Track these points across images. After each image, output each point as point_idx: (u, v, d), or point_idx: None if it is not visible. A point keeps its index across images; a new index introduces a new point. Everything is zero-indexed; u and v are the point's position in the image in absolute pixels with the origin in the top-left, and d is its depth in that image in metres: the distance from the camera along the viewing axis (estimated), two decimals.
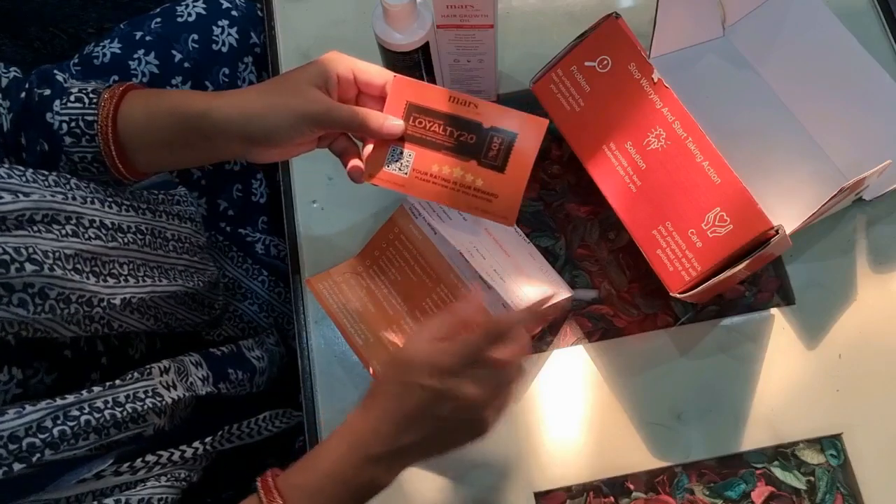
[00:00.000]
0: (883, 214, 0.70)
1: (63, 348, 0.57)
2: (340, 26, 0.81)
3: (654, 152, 0.60)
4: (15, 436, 0.48)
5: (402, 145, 0.60)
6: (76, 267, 0.52)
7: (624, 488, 0.64)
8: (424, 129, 0.60)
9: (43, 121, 0.57)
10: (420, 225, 0.67)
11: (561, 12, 0.66)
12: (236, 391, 0.68)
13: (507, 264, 0.67)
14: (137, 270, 0.59)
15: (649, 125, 0.60)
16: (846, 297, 0.68)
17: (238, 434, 0.67)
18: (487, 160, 0.60)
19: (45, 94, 0.57)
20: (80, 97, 0.57)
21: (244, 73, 0.82)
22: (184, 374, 0.63)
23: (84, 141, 0.57)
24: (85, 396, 0.53)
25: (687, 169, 0.58)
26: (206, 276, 0.68)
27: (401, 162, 0.61)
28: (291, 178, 0.75)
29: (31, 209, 0.50)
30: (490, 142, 0.59)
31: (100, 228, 0.56)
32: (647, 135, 0.60)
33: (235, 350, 0.71)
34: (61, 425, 0.50)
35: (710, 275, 0.57)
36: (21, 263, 0.48)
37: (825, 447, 0.64)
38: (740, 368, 0.67)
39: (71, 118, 0.57)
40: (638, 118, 0.60)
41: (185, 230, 0.66)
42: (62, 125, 0.57)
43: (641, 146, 0.60)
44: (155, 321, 0.63)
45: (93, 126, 0.57)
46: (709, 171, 0.58)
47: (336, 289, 0.68)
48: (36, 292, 0.49)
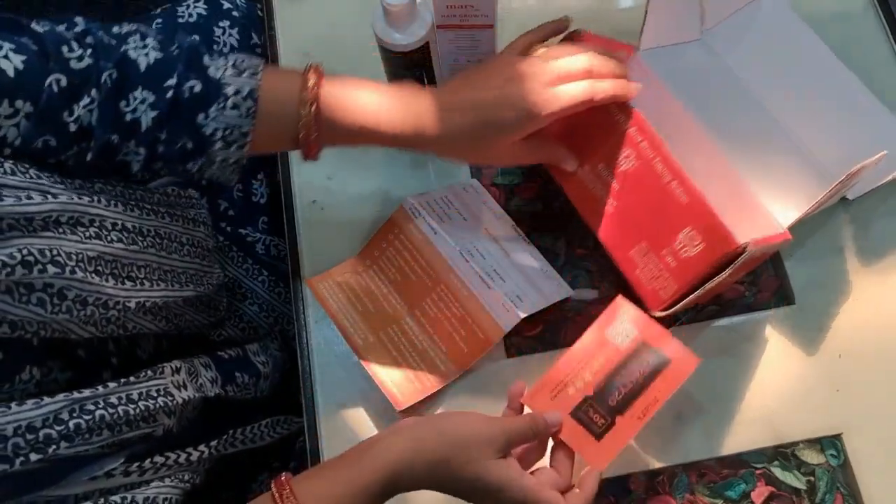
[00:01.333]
0: (884, 214, 0.70)
1: (77, 348, 0.57)
2: (340, 27, 0.81)
3: (626, 174, 0.60)
4: (32, 426, 0.49)
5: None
6: (97, 269, 0.52)
7: (624, 488, 0.64)
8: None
9: (193, 123, 0.55)
10: (420, 225, 0.67)
11: (560, 13, 0.66)
12: (241, 395, 0.69)
13: (507, 265, 0.67)
14: (153, 274, 0.59)
15: (620, 147, 0.59)
16: (846, 297, 0.68)
17: (241, 439, 0.67)
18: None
19: (197, 92, 0.54)
20: (236, 103, 0.55)
21: None
22: (194, 374, 0.63)
23: (234, 148, 0.56)
24: (100, 391, 0.53)
25: (657, 189, 0.58)
26: (213, 280, 0.68)
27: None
28: (291, 178, 0.75)
29: (57, 211, 0.50)
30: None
31: (122, 231, 0.56)
32: (618, 156, 0.59)
33: (242, 354, 0.71)
34: (77, 418, 0.51)
35: (688, 291, 0.58)
36: (44, 265, 0.48)
37: (825, 447, 0.64)
38: (740, 368, 0.67)
39: (227, 126, 0.55)
40: (608, 139, 0.60)
41: (198, 234, 0.66)
42: (216, 132, 0.55)
43: (614, 168, 0.60)
44: (166, 322, 0.63)
45: (247, 136, 0.56)
46: (677, 191, 0.57)
47: (336, 289, 0.68)
48: (55, 293, 0.49)
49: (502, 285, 0.64)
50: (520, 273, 0.67)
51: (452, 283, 0.65)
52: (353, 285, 0.69)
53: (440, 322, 0.66)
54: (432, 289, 0.66)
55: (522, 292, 0.65)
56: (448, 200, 0.70)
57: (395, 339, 0.67)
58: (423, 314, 0.67)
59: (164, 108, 0.53)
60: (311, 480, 0.52)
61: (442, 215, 0.67)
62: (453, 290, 0.65)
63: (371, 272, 0.69)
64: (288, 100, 0.57)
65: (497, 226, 0.71)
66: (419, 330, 0.67)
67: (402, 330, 0.67)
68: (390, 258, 0.68)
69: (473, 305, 0.65)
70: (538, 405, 0.60)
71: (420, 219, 0.67)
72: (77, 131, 0.52)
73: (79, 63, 0.51)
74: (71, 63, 0.51)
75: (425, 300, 0.67)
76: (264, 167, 0.84)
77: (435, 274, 0.66)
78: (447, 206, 0.69)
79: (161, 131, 0.54)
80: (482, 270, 0.64)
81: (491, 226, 0.70)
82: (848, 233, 0.70)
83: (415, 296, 0.67)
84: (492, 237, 0.68)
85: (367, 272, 0.69)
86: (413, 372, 0.65)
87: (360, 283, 0.69)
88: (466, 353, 0.65)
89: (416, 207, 0.67)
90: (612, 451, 0.57)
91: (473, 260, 0.65)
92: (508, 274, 0.66)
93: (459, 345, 0.66)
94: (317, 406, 0.68)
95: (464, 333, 0.65)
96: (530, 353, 0.68)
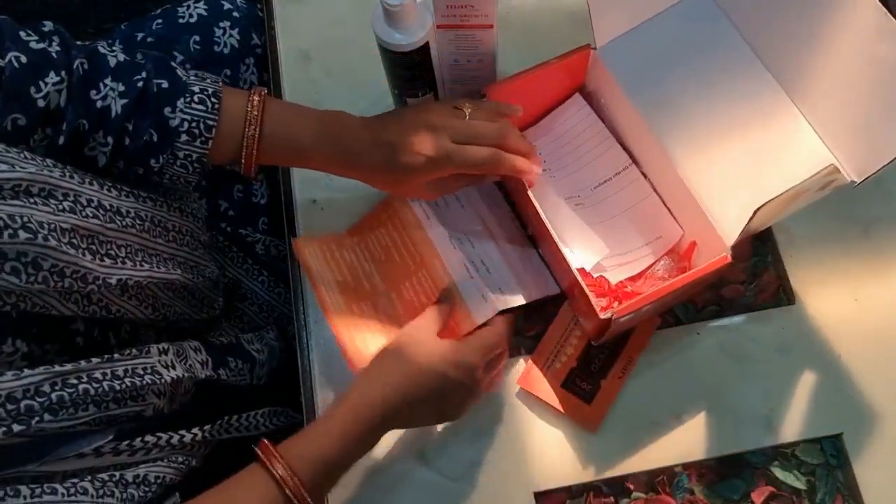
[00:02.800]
0: (885, 214, 0.70)
1: (75, 335, 0.57)
2: (340, 26, 0.81)
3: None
4: (13, 396, 0.49)
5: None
6: (72, 241, 0.53)
7: (624, 488, 0.64)
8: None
9: (160, 115, 0.58)
10: (414, 208, 0.67)
11: (561, 12, 0.66)
12: (236, 380, 0.69)
13: (497, 257, 0.67)
14: (135, 255, 0.59)
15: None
16: (846, 297, 0.68)
17: (237, 426, 0.67)
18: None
19: (165, 88, 0.58)
20: (202, 99, 0.59)
21: (246, 74, 0.82)
22: (183, 356, 0.63)
23: (198, 142, 0.60)
24: (83, 366, 0.53)
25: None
26: (206, 273, 0.68)
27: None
28: (291, 179, 0.75)
29: (27, 180, 0.50)
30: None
31: (97, 208, 0.56)
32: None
33: (235, 342, 0.72)
34: (59, 391, 0.51)
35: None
36: (15, 230, 0.48)
37: (825, 447, 0.64)
38: (740, 368, 0.67)
39: (193, 118, 0.59)
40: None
41: (186, 223, 0.67)
42: (182, 123, 0.59)
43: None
44: (153, 310, 0.63)
45: (211, 130, 0.59)
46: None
47: (320, 255, 0.68)
48: (29, 262, 0.50)
49: (487, 276, 0.64)
50: (509, 267, 0.67)
51: (436, 269, 0.65)
52: (338, 257, 0.69)
53: (414, 306, 0.65)
54: (414, 273, 0.66)
55: (507, 285, 0.64)
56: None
57: (367, 312, 0.66)
58: (399, 297, 0.66)
59: (134, 97, 0.57)
60: (292, 440, 0.56)
61: (439, 201, 0.67)
62: (435, 276, 0.65)
63: (358, 249, 0.69)
64: (237, 115, 0.61)
65: (494, 217, 0.71)
66: (391, 311, 0.66)
67: (376, 306, 0.67)
68: (379, 238, 0.69)
69: (453, 291, 0.64)
70: (532, 386, 0.66)
71: (416, 203, 0.67)
72: (45, 110, 0.54)
73: (37, 45, 0.54)
74: (30, 44, 0.54)
75: (405, 283, 0.66)
76: (264, 168, 0.84)
77: (420, 258, 0.66)
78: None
79: (129, 121, 0.57)
80: (468, 259, 0.64)
81: (488, 217, 0.70)
82: (848, 233, 0.70)
83: (396, 277, 0.67)
84: (487, 228, 0.68)
85: (355, 248, 0.69)
86: (376, 342, 0.64)
87: (344, 256, 0.69)
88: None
89: None
90: (603, 411, 0.65)
91: (462, 248, 0.64)
92: (496, 266, 0.66)
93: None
94: (316, 406, 0.67)
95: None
96: (530, 354, 0.68)
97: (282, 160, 0.65)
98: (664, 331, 0.68)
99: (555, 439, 0.65)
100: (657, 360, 0.67)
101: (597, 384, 0.66)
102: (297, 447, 0.55)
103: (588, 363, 0.66)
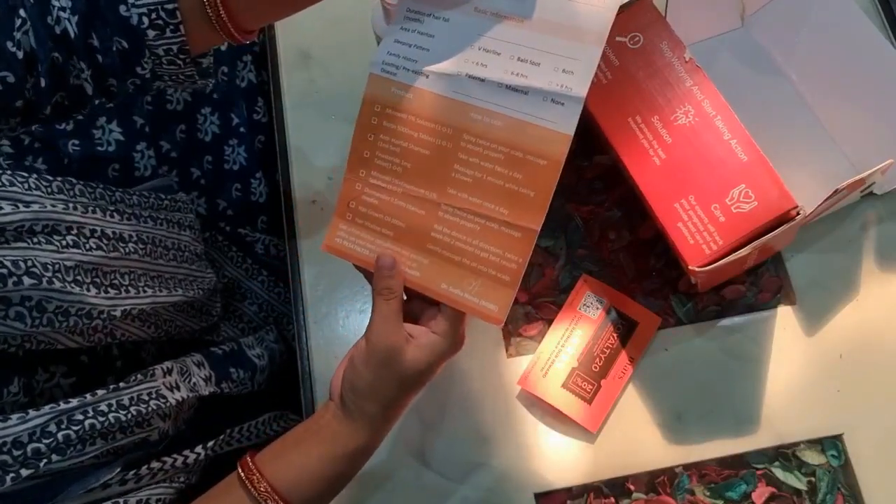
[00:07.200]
0: (885, 214, 0.70)
1: (79, 353, 0.57)
2: (340, 26, 0.80)
3: (682, 128, 0.61)
4: (19, 441, 0.48)
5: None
6: (76, 279, 0.52)
7: (624, 489, 0.64)
8: None
9: (117, 16, 0.52)
10: (403, 80, 0.53)
11: None
12: (238, 390, 0.69)
13: (525, 32, 0.51)
14: (138, 281, 0.58)
15: (678, 102, 0.61)
16: (847, 297, 0.68)
17: (238, 438, 0.67)
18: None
19: None
20: None
21: (243, 71, 0.82)
22: (186, 374, 0.63)
23: (168, 31, 0.53)
24: (89, 400, 0.52)
25: (714, 146, 0.60)
26: (204, 284, 0.68)
27: None
28: (291, 178, 0.75)
29: (30, 220, 0.50)
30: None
31: (101, 238, 0.55)
32: (676, 111, 0.61)
33: (237, 348, 0.71)
34: (65, 430, 0.50)
35: (730, 251, 0.58)
36: (19, 277, 0.47)
37: (826, 447, 0.64)
38: (741, 368, 0.67)
39: (150, 9, 0.52)
40: (667, 94, 0.62)
41: (184, 238, 0.66)
42: (142, 18, 0.52)
43: (669, 121, 0.61)
44: (156, 329, 0.63)
45: (175, 14, 0.52)
46: (736, 149, 0.59)
47: (353, 231, 0.55)
48: (33, 305, 0.49)
49: (536, 71, 0.50)
50: (546, 31, 0.51)
51: (476, 124, 0.51)
52: (365, 211, 0.55)
53: (484, 183, 0.51)
54: (456, 147, 0.52)
55: (565, 62, 0.50)
56: (416, 22, 0.54)
57: (447, 239, 0.53)
58: (459, 188, 0.52)
59: (83, 7, 0.51)
60: (273, 460, 0.54)
61: (421, 47, 0.53)
62: (482, 132, 0.51)
63: (373, 180, 0.55)
64: None
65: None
66: (464, 211, 0.52)
67: (446, 223, 0.53)
68: (387, 149, 0.54)
69: (515, 131, 0.51)
70: (532, 387, 0.65)
71: (401, 72, 0.53)
72: (24, 58, 0.50)
73: None
74: None
75: (453, 167, 0.52)
76: (263, 167, 0.83)
77: (451, 127, 0.52)
78: (421, 30, 0.54)
79: (91, 36, 0.52)
80: (505, 73, 0.50)
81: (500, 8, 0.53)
82: (859, 233, 0.70)
83: (438, 172, 0.53)
84: (491, 13, 0.52)
85: (369, 184, 0.55)
86: (487, 265, 0.52)
87: (370, 203, 0.55)
88: (535, 197, 0.50)
89: (389, 64, 0.54)
90: (604, 411, 0.65)
91: (488, 69, 0.51)
92: (534, 43, 0.50)
93: (521, 193, 0.51)
94: (316, 407, 0.67)
95: (520, 176, 0.50)
96: (530, 354, 0.67)
97: (264, 7, 0.56)
98: (665, 331, 0.68)
99: (555, 440, 0.65)
100: (658, 360, 0.67)
101: (597, 384, 0.65)
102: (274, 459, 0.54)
103: (589, 363, 0.66)
